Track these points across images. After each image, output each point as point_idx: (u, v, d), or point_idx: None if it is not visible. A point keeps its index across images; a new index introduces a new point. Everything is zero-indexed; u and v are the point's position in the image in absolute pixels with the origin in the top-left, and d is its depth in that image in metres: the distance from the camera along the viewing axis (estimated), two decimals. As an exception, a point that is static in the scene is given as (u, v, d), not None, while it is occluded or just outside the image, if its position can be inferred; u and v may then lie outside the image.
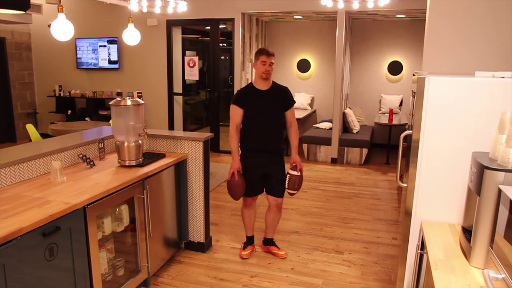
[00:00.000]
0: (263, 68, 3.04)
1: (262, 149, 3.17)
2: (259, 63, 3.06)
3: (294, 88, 8.12)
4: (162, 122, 7.51)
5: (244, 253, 3.37)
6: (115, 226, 2.62)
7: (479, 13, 2.70)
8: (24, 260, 1.83)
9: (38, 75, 8.28)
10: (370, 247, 3.61)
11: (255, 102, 3.11)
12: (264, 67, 3.03)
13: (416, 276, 2.00)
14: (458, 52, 2.79)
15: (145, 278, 2.87)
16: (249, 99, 3.11)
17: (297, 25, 7.95)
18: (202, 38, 9.53)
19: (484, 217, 1.53)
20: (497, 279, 1.33)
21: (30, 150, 2.68)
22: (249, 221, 3.39)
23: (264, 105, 3.12)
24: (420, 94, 1.95)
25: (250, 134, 3.17)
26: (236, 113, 3.11)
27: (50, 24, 3.52)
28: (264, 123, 3.13)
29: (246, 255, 3.36)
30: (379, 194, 5.09)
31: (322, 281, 3.04)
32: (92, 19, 7.59)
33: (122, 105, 2.80)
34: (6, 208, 2.01)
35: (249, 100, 3.11)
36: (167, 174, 3.10)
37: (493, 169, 1.50)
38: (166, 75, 7.36)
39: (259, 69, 3.06)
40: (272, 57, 3.05)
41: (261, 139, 3.17)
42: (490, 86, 1.86)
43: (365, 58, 7.73)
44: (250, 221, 3.39)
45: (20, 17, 6.63)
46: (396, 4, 5.72)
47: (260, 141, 3.17)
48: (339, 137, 6.58)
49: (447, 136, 1.95)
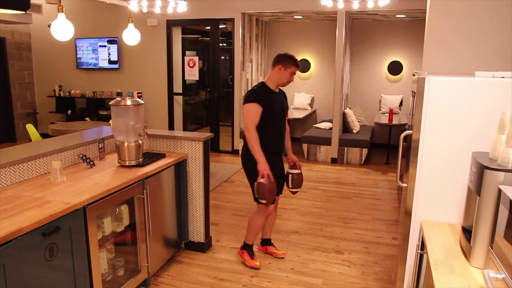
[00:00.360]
0: (289, 78, 2.99)
1: (278, 151, 3.10)
2: (288, 73, 2.97)
3: (294, 88, 8.13)
4: (162, 122, 7.51)
5: (257, 262, 3.22)
6: (115, 226, 2.62)
7: (479, 13, 2.70)
8: (24, 260, 1.83)
9: (38, 75, 8.29)
10: (370, 247, 3.61)
11: (273, 102, 2.99)
12: (291, 78, 3.00)
13: (416, 276, 2.00)
14: (458, 52, 2.79)
15: (145, 278, 2.87)
16: (268, 98, 2.98)
17: (297, 25, 7.94)
18: (202, 38, 9.53)
19: (484, 217, 1.53)
20: (497, 279, 1.33)
21: (30, 150, 2.68)
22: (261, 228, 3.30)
23: (279, 106, 3.04)
24: (420, 94, 1.95)
25: (268, 135, 2.99)
26: (257, 112, 2.91)
27: (50, 24, 3.52)
28: (279, 124, 3.05)
29: (259, 264, 3.23)
30: (379, 194, 5.09)
31: (322, 281, 3.04)
32: (92, 19, 7.59)
33: (122, 105, 2.80)
34: (6, 208, 2.01)
35: (268, 99, 2.97)
36: (167, 174, 3.10)
37: (493, 169, 1.50)
38: (166, 75, 7.36)
39: (285, 78, 2.98)
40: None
41: (278, 140, 3.07)
42: (490, 86, 1.86)
43: (365, 58, 7.73)
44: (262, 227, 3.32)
45: (20, 17, 6.63)
46: (396, 4, 5.72)
47: (277, 142, 3.07)
48: (339, 137, 6.58)
49: (447, 136, 1.95)
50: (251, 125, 2.91)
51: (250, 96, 2.97)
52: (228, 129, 7.38)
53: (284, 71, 2.97)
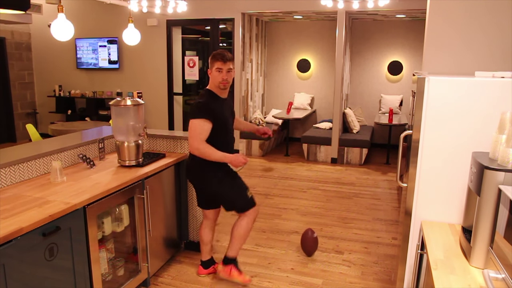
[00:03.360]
0: (222, 76, 2.66)
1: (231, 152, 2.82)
2: (214, 71, 2.68)
3: (294, 88, 8.13)
4: (162, 122, 7.51)
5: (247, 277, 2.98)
6: (115, 226, 2.62)
7: (479, 13, 2.70)
8: (24, 260, 1.83)
9: (38, 75, 8.29)
10: (370, 247, 3.61)
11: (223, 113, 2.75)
12: (224, 75, 2.67)
13: (416, 276, 2.00)
14: (458, 52, 2.78)
15: (145, 278, 2.87)
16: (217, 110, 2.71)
17: (297, 25, 7.94)
18: (202, 38, 9.52)
19: (484, 217, 1.53)
20: (497, 279, 1.33)
21: (30, 150, 2.68)
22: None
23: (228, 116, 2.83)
24: (420, 94, 1.95)
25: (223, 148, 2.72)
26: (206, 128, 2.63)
27: (50, 24, 3.52)
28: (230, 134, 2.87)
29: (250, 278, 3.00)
30: (379, 194, 5.09)
31: (322, 281, 3.04)
32: (92, 19, 7.59)
33: (122, 105, 2.80)
34: (6, 208, 2.01)
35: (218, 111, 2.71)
36: (167, 174, 3.10)
37: (493, 169, 1.50)
38: (166, 75, 7.36)
39: (216, 78, 2.68)
40: (229, 63, 2.67)
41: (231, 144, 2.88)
42: (490, 86, 1.86)
43: (365, 58, 7.73)
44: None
45: (20, 17, 6.63)
46: (396, 4, 5.72)
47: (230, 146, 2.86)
48: (339, 137, 6.58)
49: (447, 136, 1.95)
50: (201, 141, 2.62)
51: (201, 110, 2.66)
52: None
53: (212, 72, 2.71)
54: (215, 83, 2.72)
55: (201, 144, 2.63)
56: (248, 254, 3.41)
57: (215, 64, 2.68)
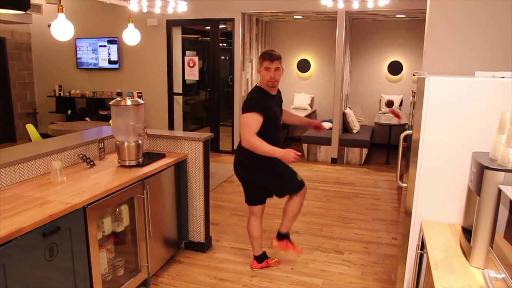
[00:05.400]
0: (269, 74, 2.78)
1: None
2: (263, 70, 2.80)
3: (294, 88, 8.13)
4: (162, 122, 7.51)
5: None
6: (115, 226, 2.62)
7: (479, 13, 2.70)
8: (24, 260, 1.83)
9: (38, 75, 8.29)
10: (370, 247, 3.61)
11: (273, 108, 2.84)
12: (271, 73, 2.78)
13: (416, 276, 2.00)
14: (458, 52, 2.78)
15: (145, 278, 2.87)
16: (268, 105, 2.80)
17: (297, 25, 7.94)
18: (202, 38, 9.53)
19: (484, 217, 1.53)
20: (497, 279, 1.33)
21: (30, 150, 2.68)
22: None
23: (278, 111, 2.92)
24: (420, 94, 1.95)
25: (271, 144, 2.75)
26: (257, 121, 2.71)
27: (50, 24, 3.52)
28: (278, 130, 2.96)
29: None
30: (379, 194, 5.09)
31: (322, 281, 3.04)
32: (92, 19, 7.59)
33: (122, 105, 2.80)
34: (6, 208, 2.01)
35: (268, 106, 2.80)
36: (167, 174, 3.10)
37: (493, 169, 1.50)
38: (166, 75, 7.36)
39: (264, 76, 2.80)
40: (277, 62, 2.78)
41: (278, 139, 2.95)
42: (490, 86, 1.86)
43: (365, 58, 7.73)
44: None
45: (20, 17, 6.63)
46: (396, 4, 5.72)
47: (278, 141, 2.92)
48: (339, 137, 6.58)
49: (447, 136, 1.95)
50: (253, 134, 2.69)
51: (251, 104, 2.77)
52: (228, 129, 7.37)
53: (261, 71, 2.83)
54: (264, 81, 2.86)
55: (252, 137, 2.69)
56: (248, 254, 3.41)
57: (263, 63, 2.81)
